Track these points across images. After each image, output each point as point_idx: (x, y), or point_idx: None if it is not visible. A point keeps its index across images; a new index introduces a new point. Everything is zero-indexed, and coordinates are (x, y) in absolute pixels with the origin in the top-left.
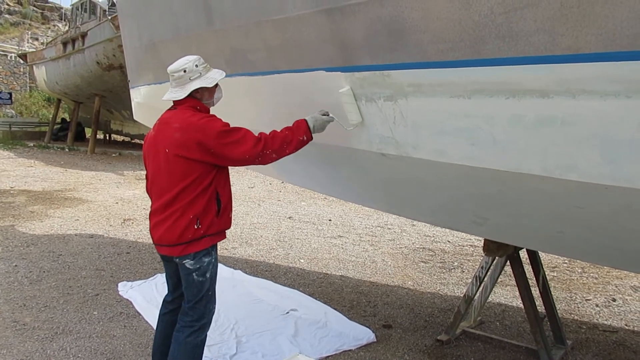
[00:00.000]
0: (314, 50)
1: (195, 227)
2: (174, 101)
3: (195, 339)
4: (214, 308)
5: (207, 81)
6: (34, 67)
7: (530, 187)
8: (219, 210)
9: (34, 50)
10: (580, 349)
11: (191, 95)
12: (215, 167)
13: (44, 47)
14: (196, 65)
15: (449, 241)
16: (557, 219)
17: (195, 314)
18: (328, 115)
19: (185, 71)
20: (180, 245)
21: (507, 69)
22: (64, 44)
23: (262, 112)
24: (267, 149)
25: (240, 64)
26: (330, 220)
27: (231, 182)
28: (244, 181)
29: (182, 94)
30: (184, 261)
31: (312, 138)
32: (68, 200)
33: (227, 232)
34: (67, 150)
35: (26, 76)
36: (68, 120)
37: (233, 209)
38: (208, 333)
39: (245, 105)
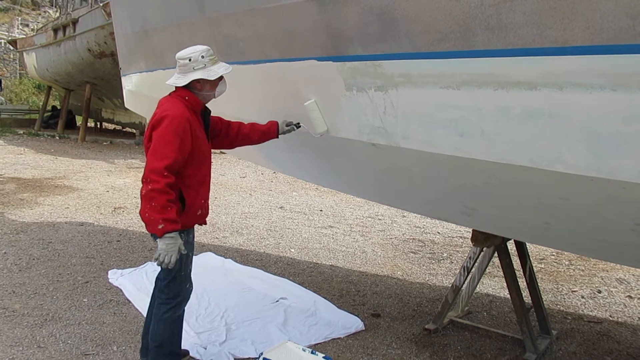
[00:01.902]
0: (305, 40)
1: None
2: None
3: (172, 315)
4: (191, 287)
5: (209, 74)
6: (24, 53)
7: (517, 178)
8: (183, 208)
9: (24, 36)
10: (565, 338)
11: (189, 84)
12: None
13: (35, 33)
14: (202, 57)
15: (438, 232)
16: (544, 210)
17: (171, 292)
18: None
19: (190, 60)
20: (149, 226)
21: (495, 61)
22: (55, 31)
23: (252, 101)
24: (154, 185)
25: (231, 52)
26: (321, 210)
27: (223, 172)
28: (235, 171)
29: (182, 81)
30: (157, 240)
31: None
32: (58, 188)
33: (219, 221)
34: (57, 138)
35: (16, 63)
36: (59, 107)
37: (224, 198)
38: (198, 320)
39: (236, 94)
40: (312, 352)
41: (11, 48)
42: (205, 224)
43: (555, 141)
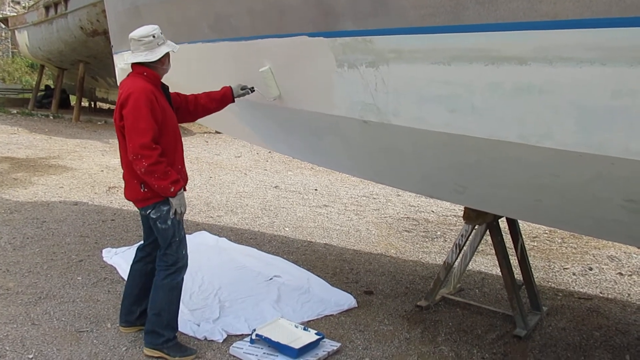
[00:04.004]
0: (297, 16)
1: (142, 190)
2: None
3: (172, 281)
4: (187, 254)
5: (171, 47)
6: (16, 32)
7: (507, 154)
8: None
9: (16, 14)
10: (555, 314)
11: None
12: None
13: (26, 11)
14: (161, 33)
15: (433, 211)
16: (534, 187)
17: (169, 259)
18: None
19: (154, 37)
20: (138, 202)
21: (486, 35)
22: (47, 8)
23: (244, 77)
24: (148, 160)
25: (223, 29)
26: (316, 189)
27: (218, 152)
28: (230, 150)
29: (153, 56)
30: (147, 212)
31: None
32: (52, 167)
33: (213, 200)
34: (51, 117)
35: (8, 41)
36: (52, 87)
37: (219, 177)
38: (192, 298)
39: (228, 71)
40: (304, 329)
41: (2, 26)
42: (185, 190)
43: (545, 117)
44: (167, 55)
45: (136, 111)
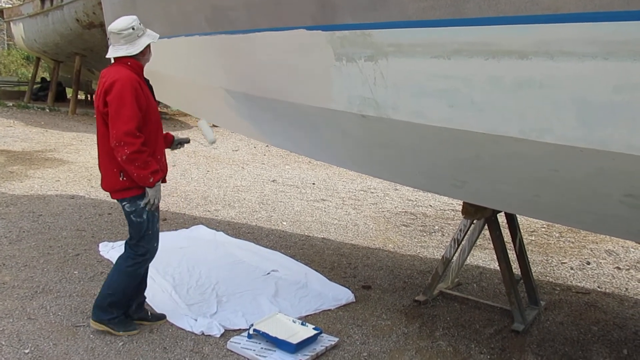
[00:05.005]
0: (295, 9)
1: (120, 179)
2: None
3: (136, 270)
4: (157, 245)
5: (151, 38)
6: (12, 23)
7: (507, 149)
8: None
9: (11, 6)
10: (553, 309)
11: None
12: None
13: (22, 2)
14: (140, 24)
15: (430, 205)
16: (534, 182)
17: (140, 250)
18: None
19: (133, 29)
20: (115, 192)
21: (487, 29)
22: (42, 0)
23: (240, 71)
24: (130, 148)
25: (220, 22)
26: (313, 183)
27: (215, 145)
28: (228, 144)
29: (134, 49)
30: (122, 204)
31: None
32: (49, 160)
33: (211, 194)
34: (47, 110)
35: (4, 33)
36: (48, 79)
37: (216, 171)
38: (189, 292)
39: (225, 64)
40: (302, 324)
41: None
42: (165, 182)
43: (545, 111)
44: (148, 45)
45: (121, 98)
